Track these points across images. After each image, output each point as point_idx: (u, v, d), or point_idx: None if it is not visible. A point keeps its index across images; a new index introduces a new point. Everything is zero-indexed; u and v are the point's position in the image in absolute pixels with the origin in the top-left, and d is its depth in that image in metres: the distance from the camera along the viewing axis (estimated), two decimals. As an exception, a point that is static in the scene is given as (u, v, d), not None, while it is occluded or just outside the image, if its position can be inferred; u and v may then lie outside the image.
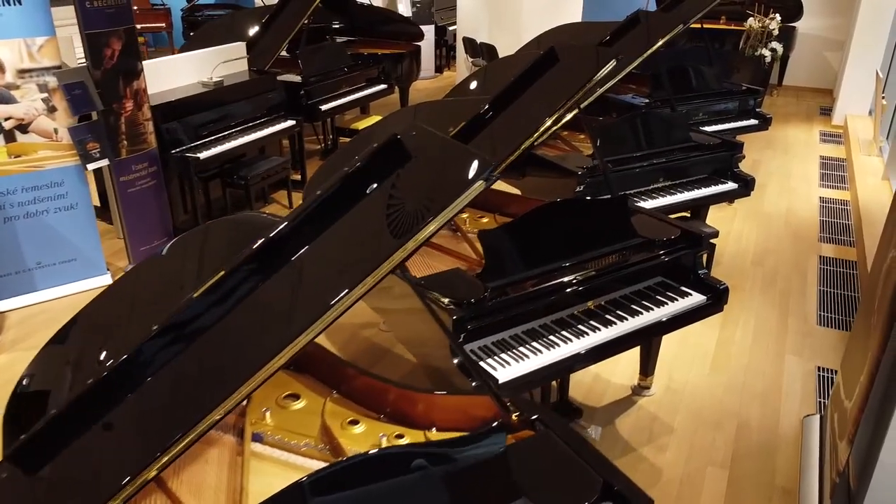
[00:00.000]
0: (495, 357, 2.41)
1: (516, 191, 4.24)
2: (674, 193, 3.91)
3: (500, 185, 5.14)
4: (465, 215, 3.35)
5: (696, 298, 2.78)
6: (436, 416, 1.93)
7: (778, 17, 7.78)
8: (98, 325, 1.99)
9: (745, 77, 8.07)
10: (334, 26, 7.44)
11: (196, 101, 4.69)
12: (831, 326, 3.84)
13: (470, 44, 8.79)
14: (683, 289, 2.84)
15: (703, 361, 3.52)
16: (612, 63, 2.77)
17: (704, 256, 4.15)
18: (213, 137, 4.76)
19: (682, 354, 3.56)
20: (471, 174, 1.58)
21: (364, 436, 1.91)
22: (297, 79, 5.80)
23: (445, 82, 10.08)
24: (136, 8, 10.45)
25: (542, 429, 1.73)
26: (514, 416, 1.77)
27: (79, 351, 1.98)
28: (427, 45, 9.81)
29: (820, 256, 4.64)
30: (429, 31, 9.72)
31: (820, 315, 3.95)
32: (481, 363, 2.38)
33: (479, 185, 1.53)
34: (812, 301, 4.10)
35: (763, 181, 5.98)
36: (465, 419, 1.90)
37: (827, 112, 8.17)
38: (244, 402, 1.98)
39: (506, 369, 2.37)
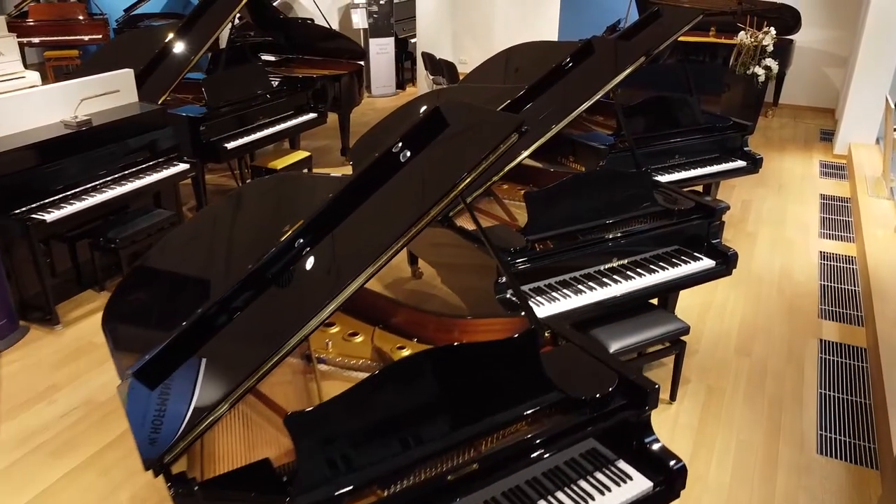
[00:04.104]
0: None
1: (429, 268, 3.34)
2: (632, 278, 3.01)
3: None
4: (333, 329, 2.45)
5: None
6: None
7: (773, 31, 6.86)
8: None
9: (735, 97, 7.16)
10: (260, 43, 6.52)
11: (46, 148, 3.77)
12: (836, 456, 2.93)
13: (430, 59, 7.89)
14: None
15: (664, 518, 2.61)
16: (514, 139, 1.87)
17: (674, 357, 3.28)
18: (70, 192, 3.84)
19: (637, 505, 2.65)
20: None
21: None
22: (201, 110, 4.89)
23: (407, 100, 9.16)
24: (80, 17, 9.68)
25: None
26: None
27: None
28: (387, 60, 8.91)
29: (821, 341, 3.73)
30: (388, 43, 8.80)
31: (821, 437, 3.04)
32: None
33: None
34: (811, 413, 3.19)
35: (753, 229, 5.08)
36: None
37: (828, 137, 7.26)
38: None
39: None
